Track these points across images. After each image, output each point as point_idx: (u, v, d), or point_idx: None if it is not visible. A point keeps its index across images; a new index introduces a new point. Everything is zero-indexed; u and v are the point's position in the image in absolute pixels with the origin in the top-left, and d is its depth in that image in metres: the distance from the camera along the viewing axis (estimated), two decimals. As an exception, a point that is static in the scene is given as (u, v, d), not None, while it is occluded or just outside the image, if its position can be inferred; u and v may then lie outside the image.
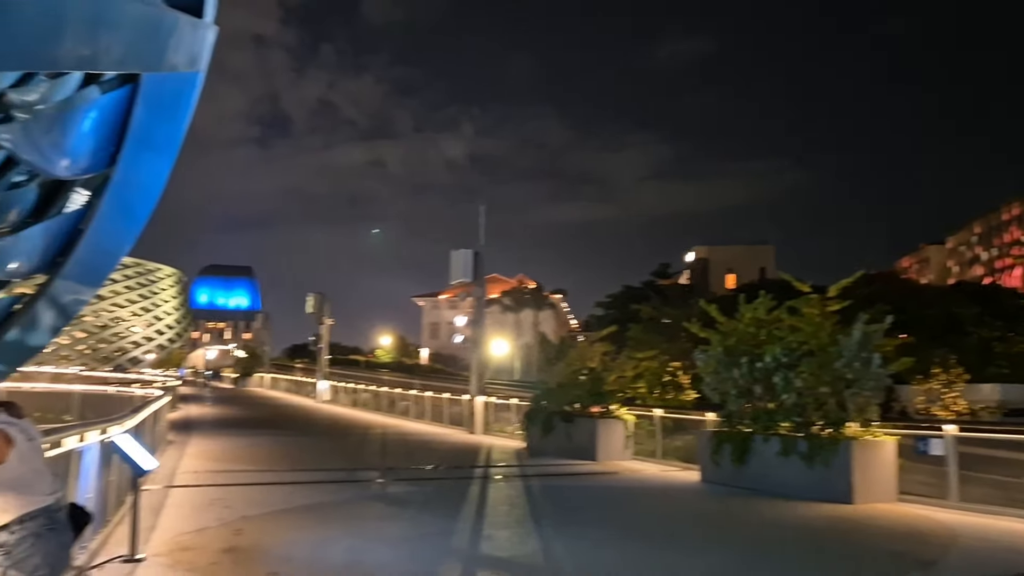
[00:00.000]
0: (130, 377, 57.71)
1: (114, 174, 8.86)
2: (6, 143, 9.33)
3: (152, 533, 9.14)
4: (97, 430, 8.23)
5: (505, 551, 9.35)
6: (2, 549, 3.60)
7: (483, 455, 21.41)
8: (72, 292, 9.64)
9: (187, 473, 15.17)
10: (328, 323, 57.46)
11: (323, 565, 8.15)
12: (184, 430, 25.51)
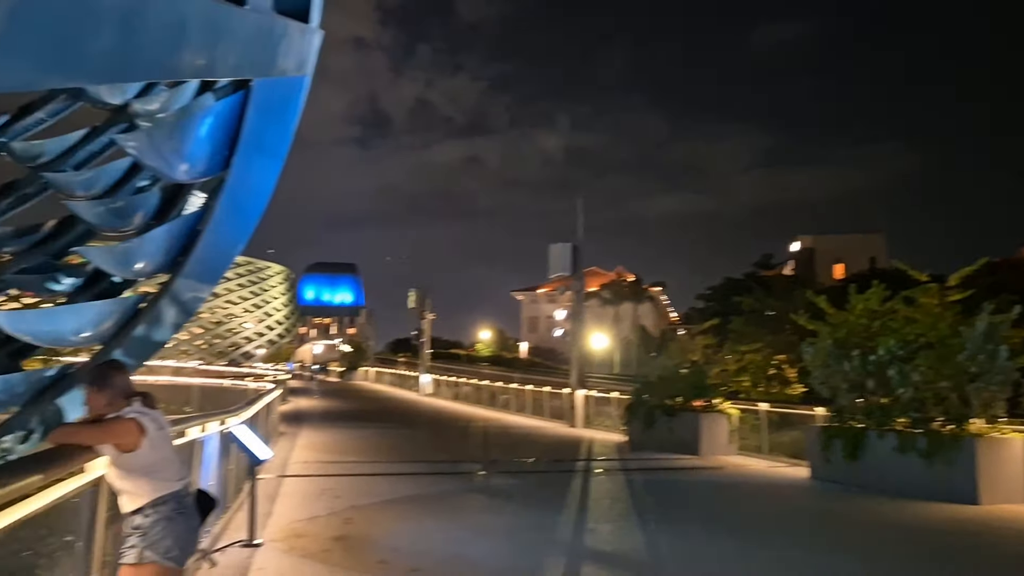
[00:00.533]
0: (243, 371, 60.36)
1: (228, 177, 9.28)
2: (132, 150, 9.89)
3: (268, 520, 9.53)
4: (217, 421, 8.63)
5: (609, 545, 9.30)
6: (138, 531, 3.83)
7: (584, 449, 21.37)
8: (192, 290, 10.16)
9: (298, 463, 15.74)
10: (429, 318, 58.51)
11: (429, 555, 8.30)
12: (294, 422, 26.48)
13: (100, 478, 4.03)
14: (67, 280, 12.93)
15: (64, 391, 10.69)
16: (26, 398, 10.84)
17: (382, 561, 7.92)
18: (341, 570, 7.50)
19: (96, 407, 4.00)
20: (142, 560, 3.77)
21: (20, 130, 15.73)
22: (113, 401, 3.99)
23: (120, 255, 10.33)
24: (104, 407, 3.97)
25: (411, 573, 7.47)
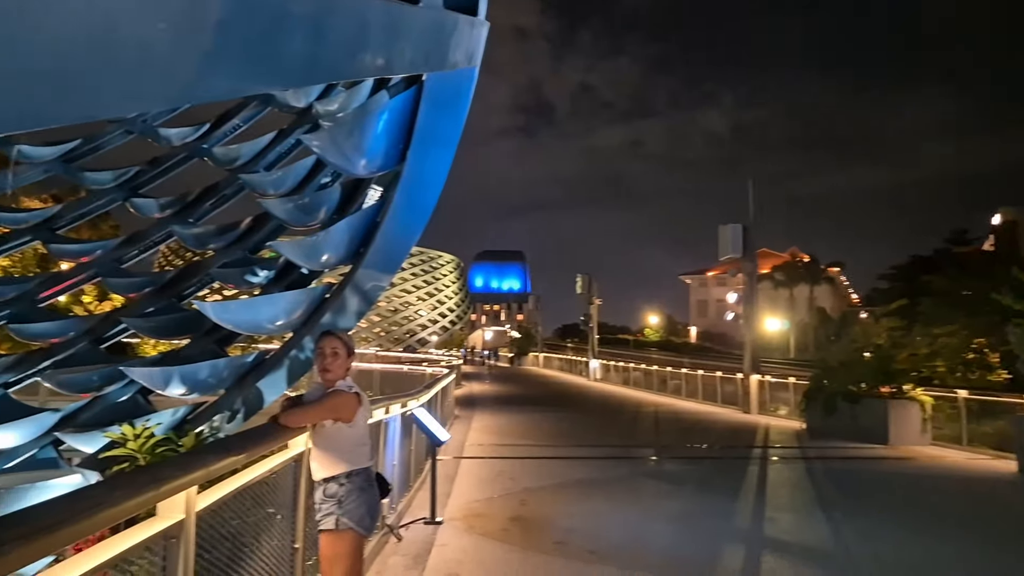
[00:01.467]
0: (419, 356, 63.02)
1: (404, 169, 9.67)
2: (316, 148, 10.51)
3: (448, 499, 9.92)
4: (398, 404, 9.07)
5: (790, 535, 8.95)
6: (332, 499, 4.11)
7: (759, 435, 20.65)
8: (373, 279, 10.70)
9: (474, 446, 16.25)
10: (596, 303, 58.50)
11: (605, 538, 8.33)
12: (468, 406, 27.36)
13: (301, 454, 4.35)
14: (262, 273, 14.01)
15: (263, 375, 11.62)
16: (230, 382, 11.87)
17: (559, 543, 8.04)
18: (519, 550, 7.68)
19: (339, 371, 4.34)
20: (339, 527, 4.04)
21: (219, 137, 17.20)
22: (348, 368, 4.36)
23: (308, 248, 11.07)
24: (342, 374, 4.32)
25: (588, 555, 7.53)
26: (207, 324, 13.37)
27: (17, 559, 1.65)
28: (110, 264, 16.77)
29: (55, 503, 2.07)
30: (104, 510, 2.00)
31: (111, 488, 2.25)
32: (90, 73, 3.05)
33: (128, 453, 9.68)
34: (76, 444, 12.37)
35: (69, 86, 3.00)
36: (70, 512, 1.88)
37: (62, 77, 2.94)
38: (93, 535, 2.09)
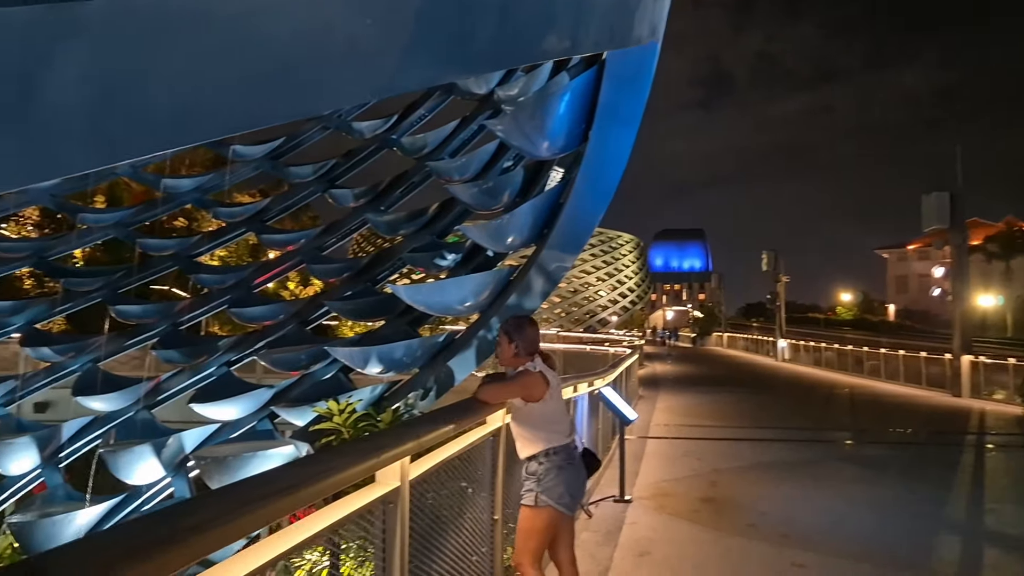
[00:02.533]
0: (600, 337, 63.17)
1: (586, 150, 9.69)
2: (499, 133, 10.75)
3: (635, 478, 9.91)
4: (585, 383, 9.15)
5: (1016, 528, 8.19)
6: (533, 477, 4.23)
7: (972, 421, 19.00)
8: (556, 260, 10.83)
9: (659, 426, 16.11)
10: (784, 280, 56.01)
11: (799, 523, 8.02)
12: (652, 386, 27.13)
13: (499, 429, 4.50)
14: (450, 256, 14.57)
15: (453, 355, 12.11)
16: (423, 361, 12.47)
17: (751, 524, 7.83)
18: (711, 530, 7.56)
19: (505, 355, 4.44)
20: (538, 503, 4.16)
21: (406, 127, 18.01)
22: (520, 352, 4.41)
23: (493, 231, 11.38)
24: (511, 357, 4.40)
25: (783, 538, 7.28)
26: (400, 306, 14.10)
27: (264, 515, 1.82)
28: (312, 252, 18.07)
29: (293, 467, 2.28)
30: (335, 474, 2.18)
31: (339, 455, 2.45)
32: (309, 72, 3.31)
33: (334, 427, 10.44)
34: (289, 417, 13.49)
35: (291, 85, 3.28)
36: (307, 475, 2.06)
37: (285, 77, 3.21)
38: (309, 504, 2.26)
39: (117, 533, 1.49)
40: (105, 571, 1.32)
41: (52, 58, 2.83)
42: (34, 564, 1.27)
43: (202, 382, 15.47)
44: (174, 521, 1.55)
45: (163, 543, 1.46)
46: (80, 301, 18.05)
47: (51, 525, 13.71)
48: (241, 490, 1.86)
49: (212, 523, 1.59)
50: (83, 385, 15.26)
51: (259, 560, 1.83)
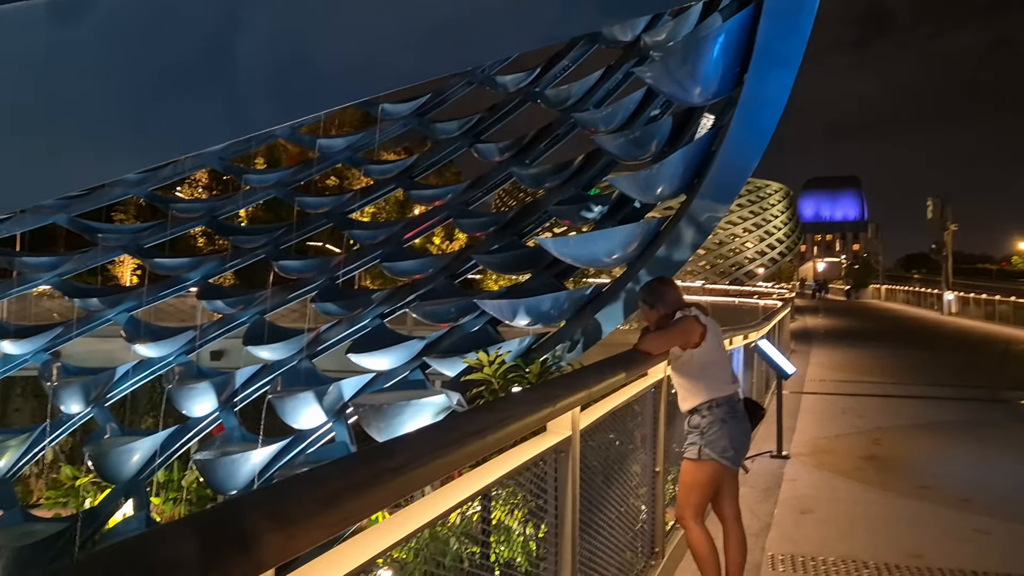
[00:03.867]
0: (748, 289, 61.32)
1: (741, 95, 9.27)
2: (648, 80, 10.45)
3: (792, 434, 9.58)
4: (740, 336, 8.87)
5: None
6: (696, 430, 4.14)
7: None
8: (708, 210, 10.51)
9: (814, 381, 15.48)
10: (952, 228, 52.10)
11: (980, 487, 7.49)
12: (804, 340, 26.08)
13: (660, 381, 4.43)
14: (596, 208, 14.45)
15: (600, 307, 12.07)
16: (570, 313, 12.51)
17: (923, 486, 7.39)
18: (877, 490, 7.21)
19: (650, 322, 4.35)
20: (701, 457, 4.07)
21: (549, 79, 17.86)
22: (665, 314, 4.29)
23: (643, 182, 11.16)
24: (657, 321, 4.30)
25: (961, 503, 6.84)
26: (547, 259, 14.17)
27: (457, 459, 1.85)
28: (459, 206, 18.42)
29: (477, 414, 2.31)
30: (517, 421, 2.19)
31: (517, 404, 2.47)
32: (475, 23, 3.30)
33: (483, 378, 10.68)
34: (440, 368, 13.95)
35: (459, 37, 3.28)
36: (493, 420, 2.08)
37: (454, 29, 3.21)
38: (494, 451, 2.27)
39: (317, 476, 1.55)
40: (323, 507, 1.37)
41: (242, 22, 2.96)
42: (262, 500, 1.33)
43: (358, 333, 16.25)
44: (375, 463, 1.60)
45: (364, 485, 1.51)
46: (247, 257, 19.30)
47: (230, 463, 14.91)
48: (435, 434, 1.90)
49: (410, 465, 1.63)
50: (252, 335, 16.38)
51: (438, 509, 1.86)
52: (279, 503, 1.33)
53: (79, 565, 1.07)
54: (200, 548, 1.14)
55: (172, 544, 1.14)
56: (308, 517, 1.33)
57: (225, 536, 1.19)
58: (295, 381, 15.58)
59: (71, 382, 15.91)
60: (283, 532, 1.26)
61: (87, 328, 17.16)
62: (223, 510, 1.29)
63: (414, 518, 1.77)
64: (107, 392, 16.35)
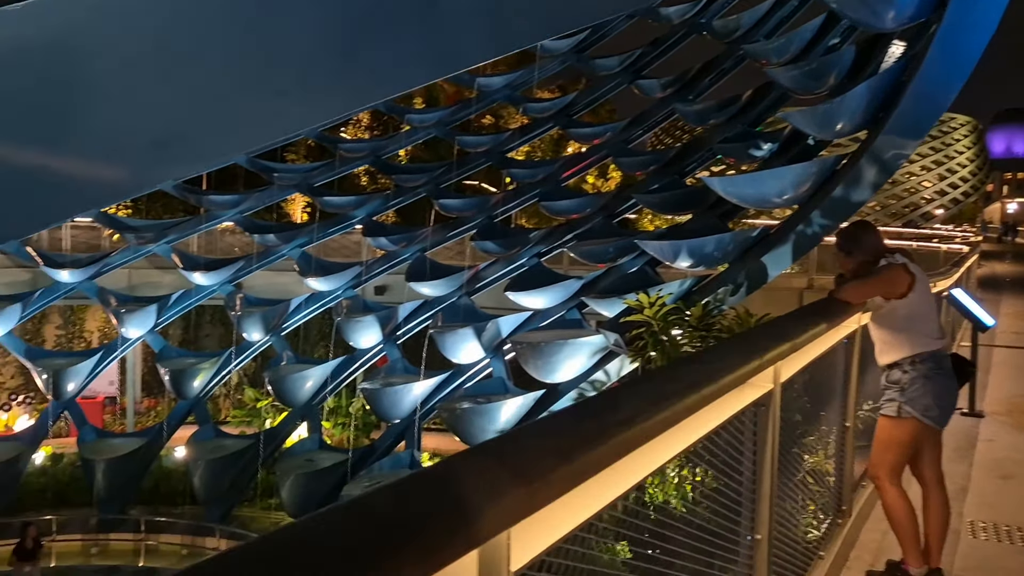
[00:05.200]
0: (926, 232, 57.04)
1: (943, 17, 8.40)
2: (832, 3, 9.65)
3: (985, 391, 8.85)
4: (929, 284, 8.21)
5: None
6: (896, 385, 3.83)
7: None
8: (894, 146, 9.72)
9: (1006, 333, 14.23)
10: None
11: None
12: (992, 288, 24.00)
13: (853, 332, 4.15)
14: (766, 145, 13.74)
15: (767, 250, 11.55)
16: (735, 255, 12.05)
17: None
18: (1087, 457, 6.54)
19: (847, 270, 4.03)
20: (901, 414, 3.78)
21: (716, 9, 16.95)
22: (864, 261, 3.96)
23: (820, 116, 10.44)
24: (855, 269, 3.98)
25: None
26: (711, 198, 13.67)
27: (678, 412, 1.75)
28: (618, 144, 18.06)
29: (683, 366, 2.21)
30: (729, 373, 2.07)
31: (721, 355, 2.34)
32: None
33: (643, 319, 10.51)
34: (598, 308, 13.90)
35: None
36: (706, 373, 1.97)
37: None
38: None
39: (547, 428, 1.49)
40: (559, 461, 1.32)
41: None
42: (504, 451, 1.29)
43: (516, 272, 16.46)
44: (602, 415, 1.53)
45: (594, 439, 1.44)
46: (409, 196, 19.86)
47: (393, 393, 15.67)
48: (653, 386, 1.82)
49: (636, 419, 1.55)
50: (414, 271, 16.96)
51: (642, 472, 1.77)
52: (519, 456, 1.29)
53: (355, 504, 1.07)
54: (451, 501, 1.11)
55: (424, 497, 1.12)
56: (548, 471, 1.28)
57: (475, 488, 1.15)
58: (454, 317, 16.03)
59: (252, 312, 17.11)
60: (527, 487, 1.22)
61: (265, 262, 18.32)
62: (469, 461, 1.27)
63: (624, 477, 1.70)
64: (283, 322, 17.49)
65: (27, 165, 1.91)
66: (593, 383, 13.19)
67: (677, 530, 2.16)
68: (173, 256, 18.24)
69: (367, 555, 0.97)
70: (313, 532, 1.00)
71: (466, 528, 1.10)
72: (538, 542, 1.37)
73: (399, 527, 1.03)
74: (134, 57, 1.98)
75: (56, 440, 18.27)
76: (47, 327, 23.55)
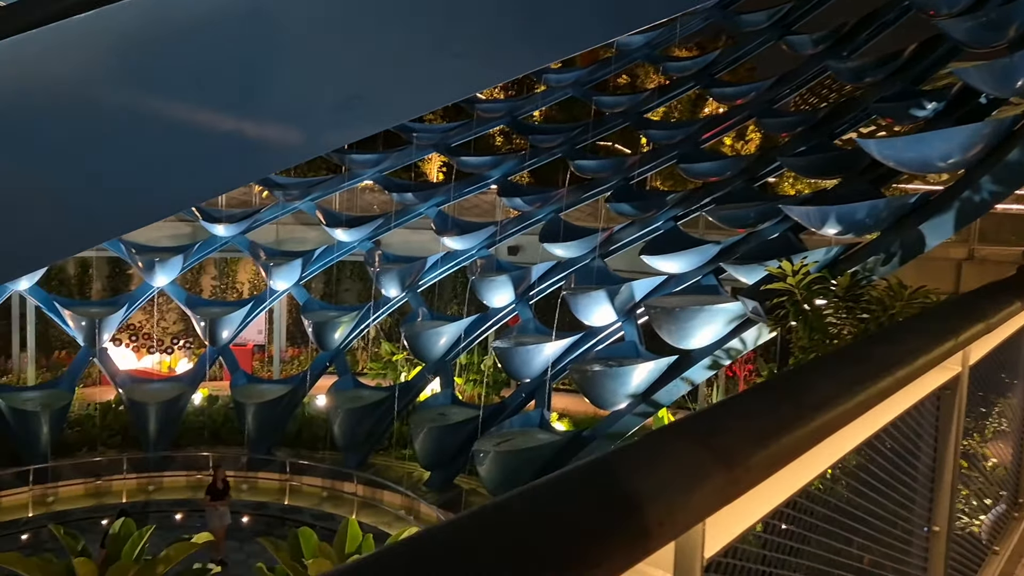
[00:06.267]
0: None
1: None
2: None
3: None
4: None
5: None
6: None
7: None
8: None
9: None
10: None
11: None
12: None
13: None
14: (929, 104, 12.77)
15: (926, 218, 10.77)
16: (888, 223, 11.32)
17: None
18: None
19: None
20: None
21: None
22: None
23: (999, 72, 9.53)
24: None
25: None
26: (863, 162, 12.88)
27: (875, 395, 1.62)
28: (763, 104, 17.28)
29: (869, 347, 2.05)
30: (920, 356, 1.91)
31: (913, 335, 2.16)
32: None
33: (785, 288, 10.07)
34: (737, 274, 13.45)
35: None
36: (897, 355, 1.82)
37: None
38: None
39: (739, 409, 1.40)
40: (757, 445, 1.23)
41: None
42: (702, 430, 1.21)
43: (651, 235, 16.15)
44: (797, 397, 1.42)
45: (790, 423, 1.34)
46: (543, 156, 19.80)
47: (525, 352, 15.82)
48: (844, 367, 1.69)
49: (831, 403, 1.44)
50: (548, 232, 16.95)
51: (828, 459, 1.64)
52: (720, 438, 1.21)
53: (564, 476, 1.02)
54: (656, 485, 1.05)
55: (625, 478, 1.06)
56: (747, 456, 1.20)
57: (678, 472, 1.09)
58: (587, 279, 15.95)
59: (390, 268, 17.64)
60: (729, 473, 1.14)
61: (403, 220, 18.80)
62: (667, 437, 1.20)
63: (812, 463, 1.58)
64: (419, 279, 17.95)
65: (223, 130, 1.98)
66: (728, 351, 12.85)
67: (852, 518, 2.03)
68: (317, 213, 19.02)
69: (567, 546, 0.92)
70: (513, 511, 0.96)
71: (670, 517, 1.04)
72: (729, 529, 1.30)
73: (604, 510, 0.98)
74: (322, 20, 2.01)
75: (212, 383, 19.59)
76: (204, 278, 25.17)
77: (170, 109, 2.08)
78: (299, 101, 2.24)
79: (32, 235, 2.13)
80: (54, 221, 2.10)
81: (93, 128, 1.99)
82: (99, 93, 1.99)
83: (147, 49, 1.98)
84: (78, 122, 1.99)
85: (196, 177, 2.12)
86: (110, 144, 2.02)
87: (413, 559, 0.85)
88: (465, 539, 0.89)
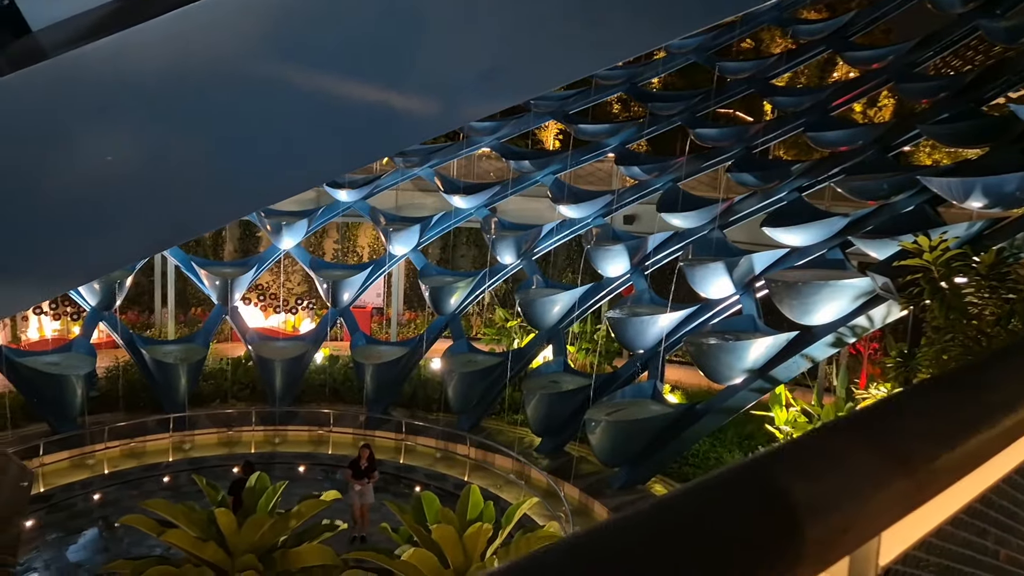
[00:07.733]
0: None
1: None
2: None
3: None
4: None
5: None
6: None
7: None
8: None
9: None
10: None
11: None
12: None
13: None
14: None
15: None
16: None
17: None
18: None
19: None
20: None
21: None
22: None
23: None
24: None
25: None
26: (1015, 130, 11.97)
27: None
28: (902, 68, 16.25)
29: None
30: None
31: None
32: None
33: (921, 264, 9.50)
34: (866, 249, 12.79)
35: None
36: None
37: None
38: None
39: (906, 405, 1.30)
40: (938, 447, 1.14)
41: None
42: (868, 427, 1.13)
43: (773, 206, 15.56)
44: (981, 393, 1.31)
45: (974, 423, 1.23)
46: (663, 124, 19.34)
47: (639, 323, 15.63)
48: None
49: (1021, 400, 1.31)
50: (666, 202, 16.60)
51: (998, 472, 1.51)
52: (897, 438, 1.12)
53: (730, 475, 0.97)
54: (833, 492, 0.98)
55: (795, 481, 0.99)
56: (931, 461, 1.11)
57: (854, 476, 1.01)
58: (705, 250, 15.56)
59: (505, 236, 17.74)
60: (911, 478, 1.06)
61: (519, 187, 18.82)
62: (836, 436, 1.12)
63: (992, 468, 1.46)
64: (534, 247, 17.98)
65: (369, 102, 2.01)
66: (853, 328, 12.30)
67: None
68: (436, 179, 19.29)
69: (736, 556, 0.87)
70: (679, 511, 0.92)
71: (851, 526, 0.97)
72: (902, 536, 1.21)
73: (774, 517, 0.92)
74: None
75: (332, 343, 20.36)
76: (327, 241, 26.08)
77: (322, 81, 2.12)
78: (441, 72, 2.23)
79: (193, 205, 2.23)
80: (215, 192, 2.20)
81: (252, 102, 2.05)
82: (255, 67, 2.04)
83: (301, 22, 2.02)
84: (236, 95, 2.05)
85: (343, 149, 2.15)
86: (266, 117, 2.08)
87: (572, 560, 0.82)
88: (626, 543, 0.85)
